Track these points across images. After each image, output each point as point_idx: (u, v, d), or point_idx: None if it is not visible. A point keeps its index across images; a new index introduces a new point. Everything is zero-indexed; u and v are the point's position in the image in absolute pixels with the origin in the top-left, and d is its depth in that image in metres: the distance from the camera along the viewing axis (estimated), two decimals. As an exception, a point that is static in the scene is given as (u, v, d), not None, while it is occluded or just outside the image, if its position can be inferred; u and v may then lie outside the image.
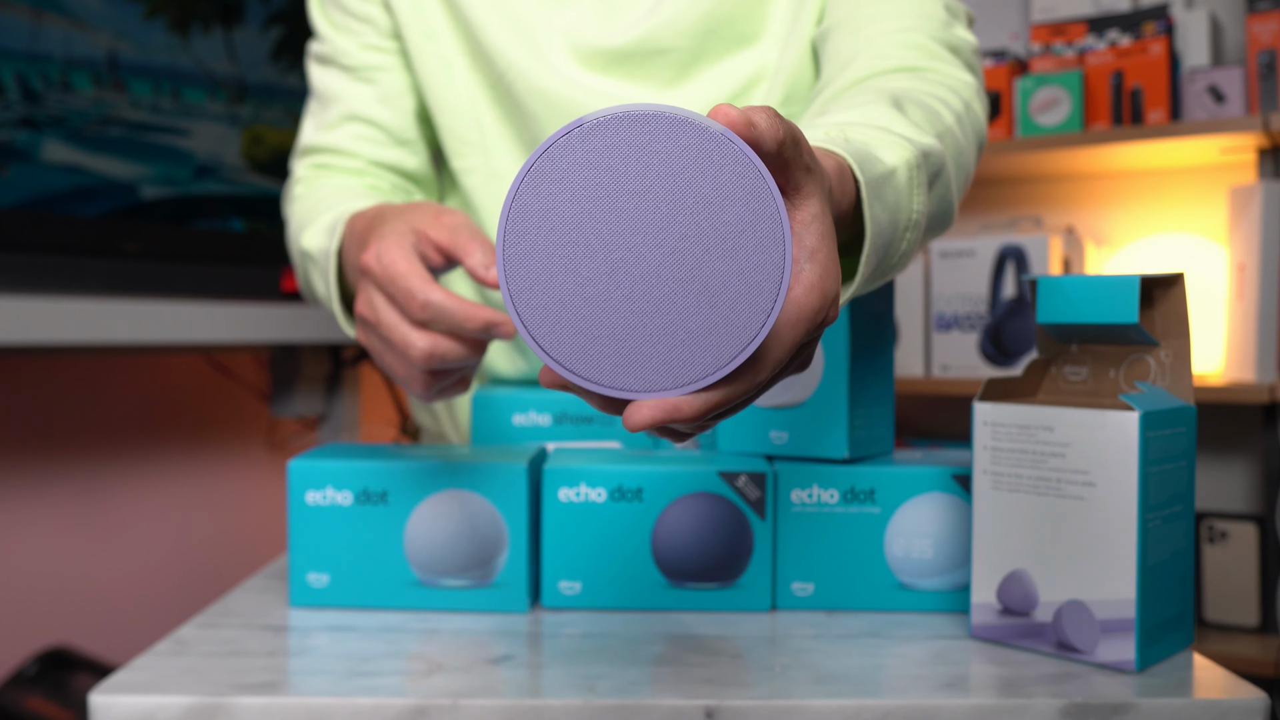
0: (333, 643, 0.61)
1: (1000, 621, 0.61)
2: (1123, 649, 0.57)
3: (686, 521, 0.67)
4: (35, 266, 1.40)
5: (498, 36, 0.84)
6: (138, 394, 1.90)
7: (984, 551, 0.62)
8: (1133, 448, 0.56)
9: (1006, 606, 0.61)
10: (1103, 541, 0.57)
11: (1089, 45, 1.78)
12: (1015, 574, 0.61)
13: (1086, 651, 0.58)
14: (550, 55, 0.83)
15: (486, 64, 0.85)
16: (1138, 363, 0.63)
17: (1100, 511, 0.57)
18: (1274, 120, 1.56)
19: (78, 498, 1.81)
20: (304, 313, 1.61)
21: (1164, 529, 0.58)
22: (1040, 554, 0.60)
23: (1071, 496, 0.58)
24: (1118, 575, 0.57)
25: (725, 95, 0.83)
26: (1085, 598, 0.58)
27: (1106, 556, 0.57)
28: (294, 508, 0.67)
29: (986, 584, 0.62)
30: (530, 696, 0.53)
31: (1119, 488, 0.57)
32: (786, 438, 0.70)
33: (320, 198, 0.84)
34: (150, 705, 0.53)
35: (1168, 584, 0.59)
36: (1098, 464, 0.57)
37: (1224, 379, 1.65)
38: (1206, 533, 1.71)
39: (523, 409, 0.81)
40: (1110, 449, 0.57)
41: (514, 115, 0.86)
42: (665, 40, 0.82)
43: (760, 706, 0.53)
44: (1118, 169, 1.87)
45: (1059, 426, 0.59)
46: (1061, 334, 0.65)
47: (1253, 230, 1.61)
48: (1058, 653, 0.59)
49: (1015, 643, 0.61)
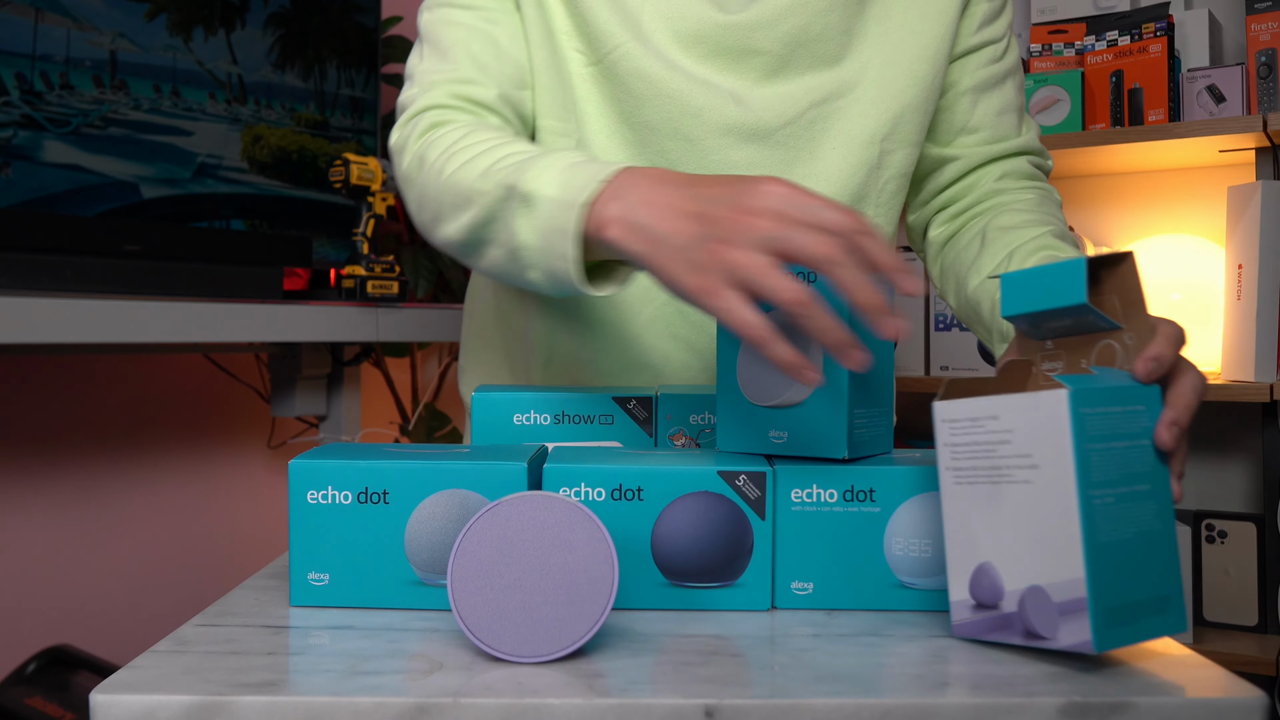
0: (333, 642, 0.61)
1: (975, 617, 0.61)
2: (1079, 630, 0.56)
3: (686, 521, 0.67)
4: (35, 266, 1.40)
5: (605, 19, 0.87)
6: (138, 394, 1.90)
7: (954, 549, 0.62)
8: (1065, 424, 0.56)
9: (979, 601, 0.61)
10: (1050, 522, 0.57)
11: (1089, 45, 1.78)
12: (982, 567, 0.60)
13: (1050, 637, 0.57)
14: (653, 38, 0.87)
15: (590, 43, 0.88)
16: (1104, 349, 0.63)
17: (1045, 493, 0.57)
18: (1273, 120, 1.56)
19: (78, 498, 1.81)
20: (304, 313, 1.61)
21: (1120, 508, 0.57)
22: (1000, 544, 0.59)
23: (1020, 481, 0.58)
24: (1066, 555, 0.56)
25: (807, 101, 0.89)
26: (1042, 582, 0.57)
27: (1055, 537, 0.57)
28: (294, 507, 0.67)
29: (960, 581, 0.62)
30: (530, 696, 0.53)
31: (1059, 466, 0.56)
32: (786, 438, 0.70)
33: (521, 147, 0.79)
34: (150, 705, 0.53)
35: (1134, 565, 0.58)
36: (1038, 445, 0.57)
37: (1223, 378, 1.65)
38: (1206, 532, 1.71)
39: (523, 409, 0.81)
40: (1046, 428, 0.57)
41: (612, 91, 0.88)
42: (758, 42, 0.87)
43: (760, 706, 0.53)
44: (1117, 169, 1.87)
45: (1002, 414, 0.59)
46: (1036, 330, 0.66)
47: (1251, 230, 1.61)
48: (1027, 642, 0.59)
49: (991, 637, 0.61)
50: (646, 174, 0.68)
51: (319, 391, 1.98)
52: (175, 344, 1.56)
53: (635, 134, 0.89)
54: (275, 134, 1.82)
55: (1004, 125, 0.97)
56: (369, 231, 1.79)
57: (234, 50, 1.75)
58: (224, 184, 1.74)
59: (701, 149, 0.88)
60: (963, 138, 0.96)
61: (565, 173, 0.71)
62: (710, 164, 0.88)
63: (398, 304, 1.79)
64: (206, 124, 1.71)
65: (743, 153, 0.88)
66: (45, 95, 1.49)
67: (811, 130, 0.89)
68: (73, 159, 1.53)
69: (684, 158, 0.88)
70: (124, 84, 1.59)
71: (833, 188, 0.90)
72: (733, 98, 0.87)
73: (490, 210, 0.76)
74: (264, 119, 1.80)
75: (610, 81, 0.88)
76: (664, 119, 0.87)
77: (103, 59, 1.56)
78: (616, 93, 0.88)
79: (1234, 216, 1.65)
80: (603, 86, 0.89)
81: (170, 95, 1.66)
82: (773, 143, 0.88)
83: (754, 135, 0.88)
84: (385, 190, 1.80)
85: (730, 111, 0.87)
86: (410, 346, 2.20)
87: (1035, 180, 0.98)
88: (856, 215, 0.61)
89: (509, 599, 0.58)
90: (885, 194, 0.93)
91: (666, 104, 0.87)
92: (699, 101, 0.87)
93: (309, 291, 1.97)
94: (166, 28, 1.65)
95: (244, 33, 1.76)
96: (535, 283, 0.75)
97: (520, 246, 0.74)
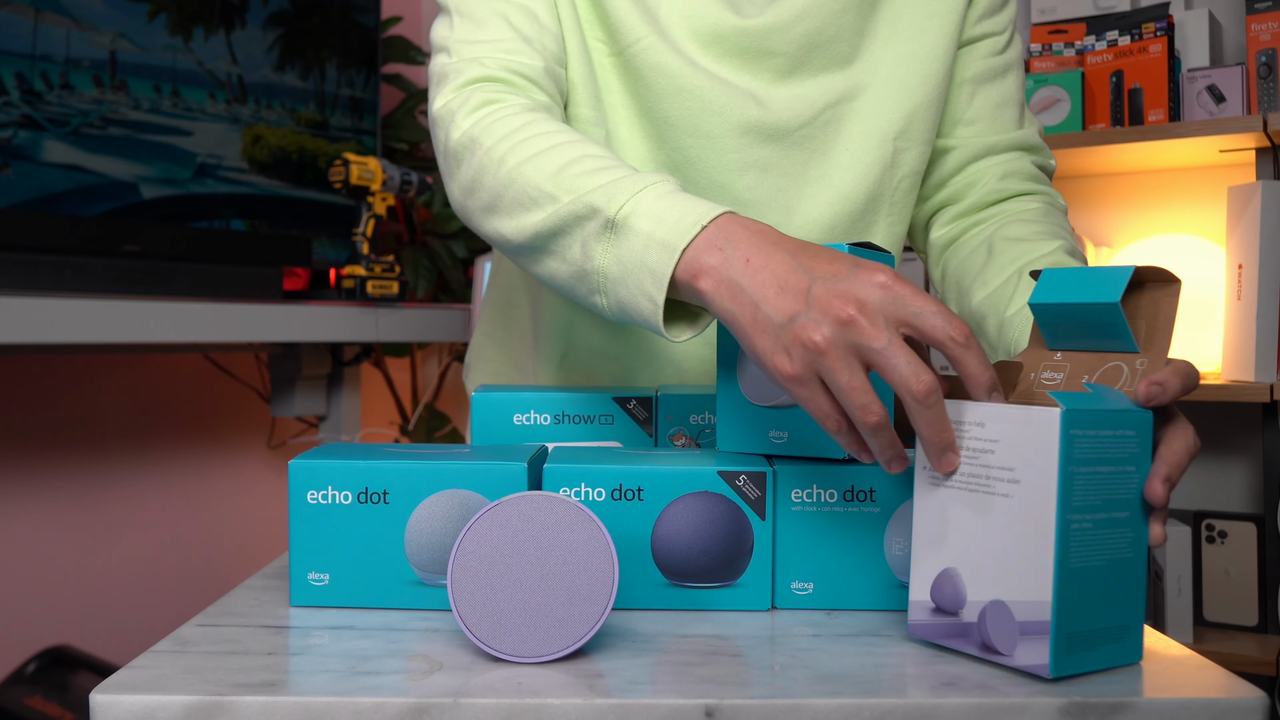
0: (333, 642, 0.61)
1: (932, 620, 0.60)
2: (1038, 653, 0.55)
3: (686, 521, 0.67)
4: (35, 266, 1.40)
5: (624, 10, 0.87)
6: (138, 394, 1.90)
7: (921, 549, 0.61)
8: (1053, 445, 0.55)
9: (938, 605, 0.60)
10: (1023, 541, 0.56)
11: (1089, 45, 1.78)
12: (946, 572, 0.60)
13: (1006, 654, 0.57)
14: (671, 32, 0.87)
15: (611, 33, 0.88)
16: (1111, 369, 0.61)
17: (1022, 510, 0.56)
18: (1273, 120, 1.56)
19: (78, 498, 1.81)
20: (304, 313, 1.61)
21: (1096, 534, 0.56)
22: (969, 552, 0.58)
23: (999, 494, 0.57)
24: (1035, 576, 0.55)
25: (823, 101, 0.89)
26: (1007, 598, 0.57)
27: (1026, 556, 0.56)
28: (294, 507, 0.67)
29: (922, 581, 0.61)
30: (530, 696, 0.53)
31: (1040, 485, 0.55)
32: (786, 438, 0.70)
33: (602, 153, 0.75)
34: (150, 705, 0.53)
35: (1100, 592, 0.57)
36: (1022, 461, 0.56)
37: (1223, 378, 1.65)
38: (1206, 532, 1.71)
39: (523, 409, 0.81)
40: (1033, 446, 0.56)
41: (632, 84, 0.88)
42: (773, 45, 0.88)
43: (760, 706, 0.53)
44: (1117, 169, 1.87)
45: (990, 422, 0.58)
46: (1054, 333, 0.64)
47: (1251, 230, 1.61)
48: (981, 654, 0.58)
49: (944, 643, 0.60)
50: (751, 227, 0.64)
51: (319, 391, 1.98)
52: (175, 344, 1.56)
53: (655, 129, 0.89)
54: (275, 134, 1.82)
55: (1003, 118, 0.97)
56: (369, 231, 1.79)
57: (234, 50, 1.75)
58: (224, 184, 1.74)
59: (720, 147, 0.88)
60: (960, 129, 0.97)
61: (660, 204, 0.67)
62: (728, 162, 0.88)
63: (398, 304, 1.79)
64: (206, 124, 1.71)
65: (761, 152, 0.88)
66: (45, 95, 1.49)
67: (827, 131, 0.90)
68: (73, 159, 1.53)
69: (702, 155, 0.88)
70: (124, 84, 1.59)
71: (848, 187, 0.90)
72: (751, 97, 0.87)
73: (563, 223, 0.71)
74: (264, 119, 1.80)
75: (630, 74, 0.88)
76: (683, 115, 0.87)
77: (103, 59, 1.56)
78: (636, 86, 0.88)
79: (1234, 216, 1.65)
80: (624, 78, 0.89)
81: (170, 95, 1.66)
82: (790, 143, 0.89)
83: (772, 135, 0.88)
84: (385, 190, 1.80)
85: (750, 111, 0.87)
86: (410, 346, 2.20)
87: (1039, 184, 0.97)
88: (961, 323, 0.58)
89: (509, 599, 0.58)
90: (899, 192, 0.93)
91: (686, 100, 0.87)
92: (719, 100, 0.87)
93: (309, 291, 1.97)
94: (166, 28, 1.65)
95: (244, 33, 1.76)
96: (599, 307, 0.71)
97: (595, 272, 0.69)
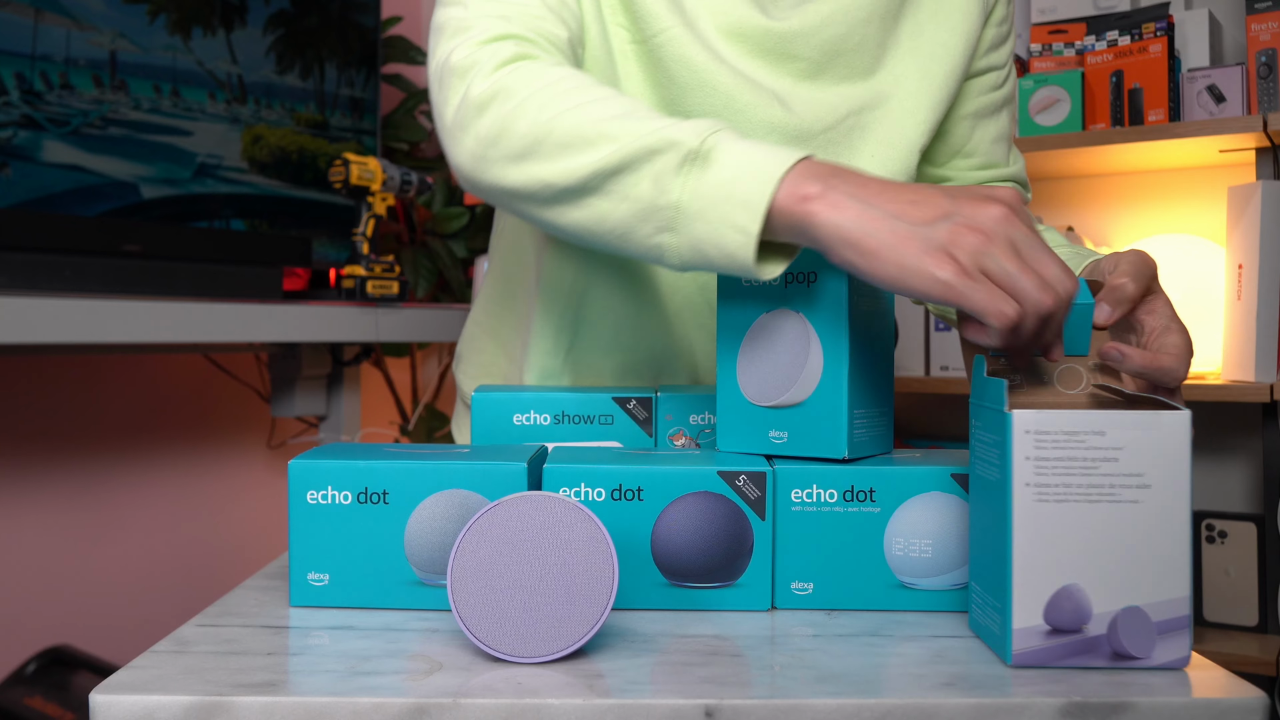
0: (333, 642, 0.61)
1: (1047, 644, 0.59)
2: (1178, 648, 0.58)
3: (686, 521, 0.67)
4: (35, 266, 1.40)
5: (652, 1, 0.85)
6: (138, 394, 1.90)
7: (1025, 574, 0.59)
8: (1184, 447, 0.58)
9: (1055, 626, 0.58)
10: (1157, 542, 0.58)
11: (1089, 45, 1.78)
12: (1066, 590, 0.58)
13: (1143, 657, 0.58)
14: (698, 24, 0.85)
15: (636, 20, 0.86)
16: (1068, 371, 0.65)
17: (1153, 512, 0.58)
18: (1273, 120, 1.56)
19: (78, 498, 1.81)
20: (304, 313, 1.61)
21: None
22: (1093, 564, 0.58)
23: (1126, 501, 0.58)
24: (1172, 575, 0.58)
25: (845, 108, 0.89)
26: (1141, 602, 0.58)
27: (1160, 557, 0.58)
28: (294, 507, 0.67)
29: (1029, 607, 0.59)
30: (530, 696, 0.53)
31: (1174, 486, 0.58)
32: (786, 438, 0.70)
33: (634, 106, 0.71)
34: (150, 705, 0.53)
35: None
36: (1151, 465, 0.58)
37: (1223, 378, 1.65)
38: (1206, 532, 1.71)
39: (523, 409, 0.81)
40: (1162, 449, 0.58)
41: (655, 75, 0.86)
42: (796, 49, 0.87)
43: (760, 706, 0.53)
44: (1117, 169, 1.87)
45: (1110, 430, 0.58)
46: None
47: (1252, 230, 1.61)
48: (1111, 664, 0.58)
49: (1063, 664, 0.59)
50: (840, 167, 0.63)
51: (319, 391, 1.98)
52: (175, 344, 1.56)
53: None
54: (275, 134, 1.82)
55: (997, 153, 0.99)
56: (369, 231, 1.79)
57: (234, 50, 1.75)
58: (224, 184, 1.74)
59: None
60: (958, 160, 0.98)
61: (743, 142, 0.65)
62: None
63: (397, 304, 1.79)
64: (206, 124, 1.71)
65: None
66: (45, 95, 1.49)
67: (850, 137, 0.89)
68: (73, 159, 1.53)
69: None
70: (124, 84, 1.59)
71: None
72: (776, 98, 0.86)
73: (630, 159, 0.66)
74: (264, 119, 1.80)
75: (653, 64, 0.86)
76: (707, 111, 0.85)
77: (103, 59, 1.56)
78: (659, 76, 0.86)
79: (1234, 216, 1.65)
80: (645, 67, 0.86)
81: (170, 95, 1.65)
82: (813, 146, 0.88)
83: (797, 137, 0.87)
84: (385, 190, 1.80)
85: (775, 112, 0.86)
86: (410, 346, 2.20)
87: None
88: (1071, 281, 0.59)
89: (509, 599, 0.58)
90: None
91: (711, 95, 0.85)
92: (744, 98, 0.85)
93: (309, 291, 1.97)
94: (166, 28, 1.65)
95: (244, 33, 1.76)
96: (662, 248, 0.66)
97: (668, 206, 0.64)
